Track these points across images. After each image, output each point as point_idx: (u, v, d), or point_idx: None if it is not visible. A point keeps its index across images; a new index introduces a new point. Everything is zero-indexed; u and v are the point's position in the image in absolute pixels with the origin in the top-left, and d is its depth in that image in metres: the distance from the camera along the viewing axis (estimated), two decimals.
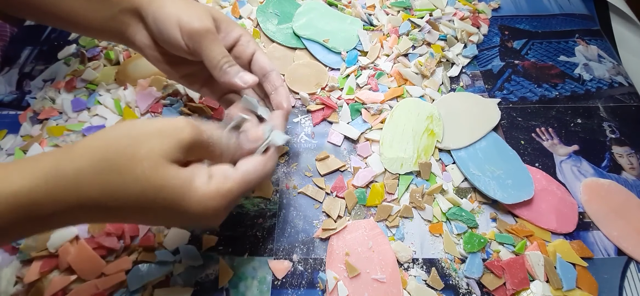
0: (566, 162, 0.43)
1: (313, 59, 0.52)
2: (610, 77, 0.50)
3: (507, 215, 0.39)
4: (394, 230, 0.38)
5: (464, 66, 0.51)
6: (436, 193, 0.40)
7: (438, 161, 0.42)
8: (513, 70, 0.51)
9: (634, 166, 0.42)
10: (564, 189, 0.41)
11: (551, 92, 0.48)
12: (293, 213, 0.39)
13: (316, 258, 0.37)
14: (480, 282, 0.35)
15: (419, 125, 0.44)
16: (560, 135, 0.45)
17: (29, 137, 0.45)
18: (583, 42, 0.54)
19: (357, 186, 0.40)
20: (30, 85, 0.50)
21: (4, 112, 0.48)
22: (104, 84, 0.48)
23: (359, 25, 0.54)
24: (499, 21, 0.57)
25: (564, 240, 0.37)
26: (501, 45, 0.54)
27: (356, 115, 0.46)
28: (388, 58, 0.51)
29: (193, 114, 0.46)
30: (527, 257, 0.36)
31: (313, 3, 0.56)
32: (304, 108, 0.47)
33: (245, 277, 0.36)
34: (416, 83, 0.48)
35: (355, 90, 0.48)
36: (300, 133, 0.45)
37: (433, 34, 0.52)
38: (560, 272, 0.35)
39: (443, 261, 0.36)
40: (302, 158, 0.43)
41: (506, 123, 0.46)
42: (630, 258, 0.37)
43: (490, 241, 0.37)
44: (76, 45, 0.53)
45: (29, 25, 0.58)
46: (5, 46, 0.55)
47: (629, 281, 0.35)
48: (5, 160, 0.43)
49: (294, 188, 0.41)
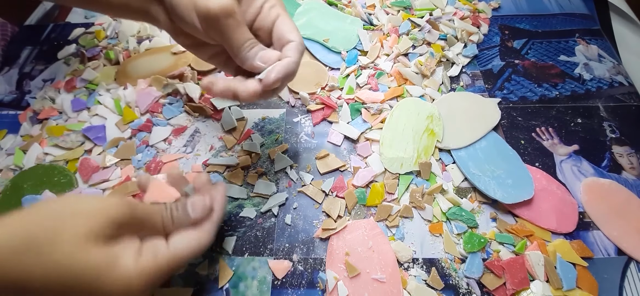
0: (566, 161, 0.43)
1: (313, 58, 0.52)
2: (611, 76, 0.50)
3: (507, 215, 0.39)
4: (394, 230, 0.38)
5: (464, 66, 0.51)
6: (436, 193, 0.40)
7: (438, 161, 0.42)
8: (513, 70, 0.51)
9: (634, 166, 0.42)
10: (564, 189, 0.41)
11: (551, 92, 0.48)
12: (293, 213, 0.39)
13: (316, 258, 0.37)
14: (480, 282, 0.35)
15: (419, 124, 0.44)
16: (560, 135, 0.45)
17: (28, 137, 0.45)
18: (583, 41, 0.54)
19: (357, 186, 0.40)
20: (30, 85, 0.50)
21: (4, 112, 0.48)
22: (104, 84, 0.48)
23: (359, 24, 0.54)
24: (499, 21, 0.57)
25: (564, 240, 0.37)
26: (501, 44, 0.54)
27: (356, 115, 0.46)
28: (388, 58, 0.51)
29: (194, 114, 0.46)
30: (527, 257, 0.36)
31: (313, 3, 0.56)
32: (304, 108, 0.47)
33: (245, 277, 0.36)
34: (416, 83, 0.48)
35: (355, 90, 0.48)
36: (300, 133, 0.45)
37: (433, 34, 0.52)
38: (561, 272, 0.35)
39: (443, 261, 0.36)
40: (302, 158, 0.43)
41: (506, 123, 0.46)
42: (630, 258, 0.37)
43: (490, 241, 0.37)
44: (76, 45, 0.53)
45: (29, 25, 0.58)
46: (5, 46, 0.55)
47: (629, 281, 0.35)
48: (5, 160, 0.43)
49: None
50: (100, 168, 0.42)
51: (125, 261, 0.24)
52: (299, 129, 0.45)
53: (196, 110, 0.46)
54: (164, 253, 0.25)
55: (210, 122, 0.46)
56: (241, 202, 0.40)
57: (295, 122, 0.46)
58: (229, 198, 0.40)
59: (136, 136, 0.44)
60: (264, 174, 0.42)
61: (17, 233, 0.23)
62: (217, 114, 0.46)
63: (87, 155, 0.43)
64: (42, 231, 0.23)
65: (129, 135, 0.44)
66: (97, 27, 0.56)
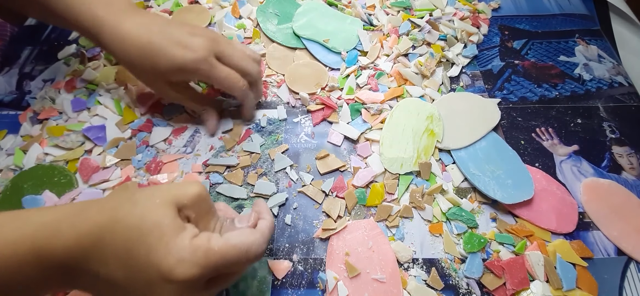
0: (566, 162, 0.43)
1: (313, 59, 0.52)
2: (610, 77, 0.50)
3: (507, 215, 0.39)
4: (394, 230, 0.38)
5: (464, 66, 0.51)
6: (436, 193, 0.40)
7: (438, 161, 0.42)
8: (513, 70, 0.51)
9: (634, 166, 0.42)
10: (564, 189, 0.41)
11: (551, 92, 0.49)
12: (293, 213, 0.39)
13: (316, 258, 0.37)
14: (480, 282, 0.35)
15: (419, 125, 0.44)
16: (560, 135, 0.45)
17: (29, 137, 0.45)
18: (583, 42, 0.54)
19: (357, 186, 0.40)
20: (30, 85, 0.50)
21: (4, 112, 0.48)
22: (104, 84, 0.48)
23: (359, 25, 0.54)
24: (499, 21, 0.57)
25: (564, 240, 0.37)
26: (501, 45, 0.54)
27: (356, 115, 0.46)
28: (388, 58, 0.51)
29: (194, 114, 0.46)
30: (527, 257, 0.36)
31: (313, 3, 0.56)
32: (304, 108, 0.47)
33: (245, 277, 0.36)
34: (416, 83, 0.48)
35: (355, 90, 0.48)
36: (300, 133, 0.45)
37: (433, 34, 0.52)
38: (560, 272, 0.35)
39: (443, 261, 0.36)
40: (302, 158, 0.43)
41: (506, 123, 0.46)
42: (630, 258, 0.37)
43: (490, 241, 0.37)
44: (76, 45, 0.53)
45: (29, 25, 0.58)
46: (5, 46, 0.55)
47: (629, 281, 0.35)
48: (5, 160, 0.43)
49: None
50: (100, 168, 0.42)
51: (184, 235, 0.25)
52: (299, 129, 0.45)
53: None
54: (217, 240, 0.26)
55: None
56: (241, 202, 0.40)
57: (295, 122, 0.46)
58: (229, 198, 0.40)
59: (136, 136, 0.44)
60: (264, 174, 0.42)
61: (105, 200, 0.27)
62: None
63: (87, 155, 0.43)
64: (127, 193, 0.27)
65: (129, 135, 0.44)
66: None
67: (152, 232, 0.25)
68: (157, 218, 0.25)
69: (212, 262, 0.25)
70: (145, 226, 0.25)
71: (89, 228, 0.25)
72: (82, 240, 0.25)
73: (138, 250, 0.25)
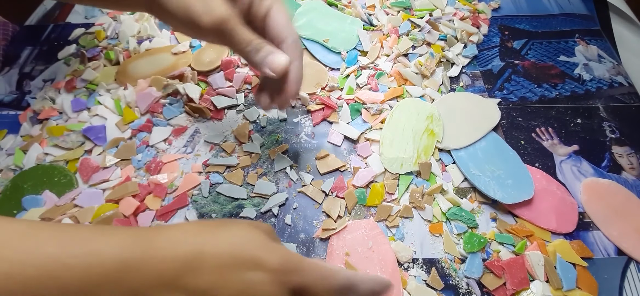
0: (566, 162, 0.43)
1: (313, 59, 0.52)
2: (610, 77, 0.50)
3: (507, 215, 0.39)
4: (394, 230, 0.38)
5: (464, 66, 0.51)
6: (436, 193, 0.40)
7: (438, 161, 0.42)
8: (513, 70, 0.51)
9: (634, 166, 0.42)
10: (564, 189, 0.41)
11: (551, 92, 0.49)
12: (293, 214, 0.39)
13: (316, 258, 0.37)
14: (480, 282, 0.35)
15: (419, 125, 0.44)
16: (560, 135, 0.45)
17: (29, 137, 0.45)
18: (583, 42, 0.54)
19: (357, 186, 0.40)
20: (30, 85, 0.50)
21: (4, 112, 0.48)
22: (104, 84, 0.48)
23: (359, 25, 0.54)
24: (499, 21, 0.57)
25: (564, 240, 0.37)
26: (501, 45, 0.54)
27: (356, 115, 0.46)
28: (388, 58, 0.51)
29: (194, 114, 0.46)
30: (527, 257, 0.36)
31: (313, 3, 0.56)
32: (304, 108, 0.47)
33: None
34: (416, 83, 0.48)
35: (355, 90, 0.48)
36: (300, 133, 0.45)
37: (433, 34, 0.52)
38: (560, 272, 0.35)
39: (443, 261, 0.36)
40: (302, 158, 0.43)
41: (506, 123, 0.46)
42: (630, 258, 0.37)
43: (490, 241, 0.37)
44: (76, 45, 0.54)
45: (29, 25, 0.58)
46: (6, 46, 0.55)
47: (629, 281, 0.35)
48: (5, 160, 0.43)
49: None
50: (100, 168, 0.42)
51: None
52: (299, 129, 0.45)
53: (196, 110, 0.46)
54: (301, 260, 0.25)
55: (210, 123, 0.46)
56: (241, 202, 0.40)
57: (295, 122, 0.46)
58: (229, 198, 0.40)
59: (136, 136, 0.44)
60: (264, 174, 0.42)
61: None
62: (217, 114, 0.46)
63: (87, 155, 0.43)
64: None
65: (129, 136, 0.44)
66: (97, 28, 0.56)
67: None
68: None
69: (293, 265, 0.24)
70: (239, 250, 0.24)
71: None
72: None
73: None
